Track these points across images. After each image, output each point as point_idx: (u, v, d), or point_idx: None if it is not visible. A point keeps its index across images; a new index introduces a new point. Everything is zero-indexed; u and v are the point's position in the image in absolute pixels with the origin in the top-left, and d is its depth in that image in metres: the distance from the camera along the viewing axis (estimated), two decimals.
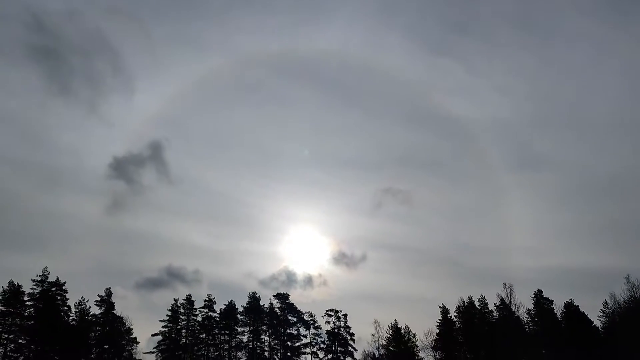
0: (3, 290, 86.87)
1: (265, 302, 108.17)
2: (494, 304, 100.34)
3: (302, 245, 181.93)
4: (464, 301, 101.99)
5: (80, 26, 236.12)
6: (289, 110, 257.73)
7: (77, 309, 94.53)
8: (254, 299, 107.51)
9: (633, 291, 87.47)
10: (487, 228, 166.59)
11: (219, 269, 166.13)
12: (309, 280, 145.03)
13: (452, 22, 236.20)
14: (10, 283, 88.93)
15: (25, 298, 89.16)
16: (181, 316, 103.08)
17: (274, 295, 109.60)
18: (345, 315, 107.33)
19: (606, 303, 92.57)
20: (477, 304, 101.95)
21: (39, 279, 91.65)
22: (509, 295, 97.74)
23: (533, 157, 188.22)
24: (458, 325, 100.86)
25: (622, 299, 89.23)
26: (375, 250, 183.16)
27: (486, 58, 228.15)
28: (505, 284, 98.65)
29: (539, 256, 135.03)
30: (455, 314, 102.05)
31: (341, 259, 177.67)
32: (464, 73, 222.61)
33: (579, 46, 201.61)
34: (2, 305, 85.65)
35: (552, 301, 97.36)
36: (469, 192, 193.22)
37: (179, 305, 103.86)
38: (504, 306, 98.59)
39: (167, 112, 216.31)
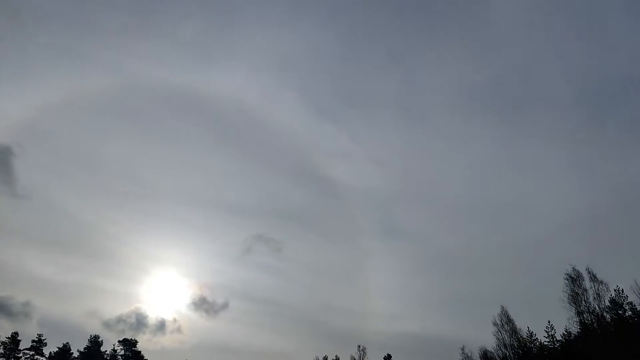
0: None
1: (108, 347, 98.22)
2: None
3: (160, 287, 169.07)
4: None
5: None
6: (176, 146, 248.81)
7: None
8: (94, 343, 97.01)
9: None
10: (349, 289, 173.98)
11: (56, 304, 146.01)
12: (161, 325, 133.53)
13: (343, 93, 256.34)
14: None
15: None
16: (1, 358, 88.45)
17: (119, 341, 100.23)
18: None
19: None
20: None
21: None
22: (361, 358, 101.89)
23: (395, 227, 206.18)
24: None
25: None
26: (239, 300, 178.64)
27: (367, 131, 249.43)
28: (359, 347, 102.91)
29: (392, 321, 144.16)
30: None
31: (201, 304, 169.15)
32: (347, 140, 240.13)
33: (441, 135, 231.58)
34: None
35: None
36: (337, 252, 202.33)
37: None
38: None
39: (30, 120, 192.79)
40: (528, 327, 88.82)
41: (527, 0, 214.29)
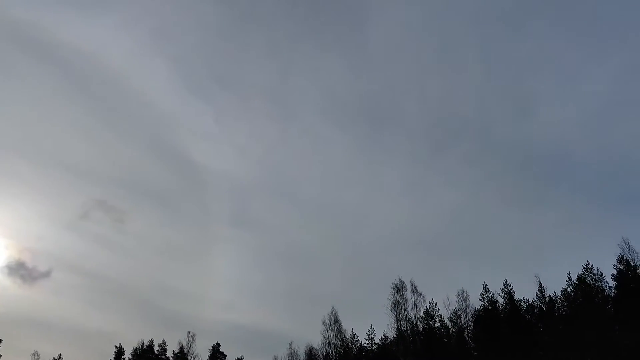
0: None
1: None
2: (173, 351, 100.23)
3: None
4: (143, 343, 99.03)
5: None
6: (14, 88, 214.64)
7: None
8: None
9: (292, 356, 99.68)
10: (189, 274, 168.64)
11: None
12: None
13: (216, 72, 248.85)
14: None
15: None
16: None
17: None
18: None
19: None
20: (156, 348, 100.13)
21: None
22: (189, 344, 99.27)
23: (246, 216, 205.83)
24: None
25: None
26: (66, 271, 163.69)
27: (235, 116, 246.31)
28: (189, 332, 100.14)
29: (226, 310, 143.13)
30: (131, 356, 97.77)
31: (18, 269, 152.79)
32: (214, 123, 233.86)
33: (306, 135, 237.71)
34: None
35: (225, 355, 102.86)
36: (183, 234, 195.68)
37: None
38: (182, 355, 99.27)
39: None
40: (352, 329, 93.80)
41: (402, 24, 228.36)
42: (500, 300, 78.36)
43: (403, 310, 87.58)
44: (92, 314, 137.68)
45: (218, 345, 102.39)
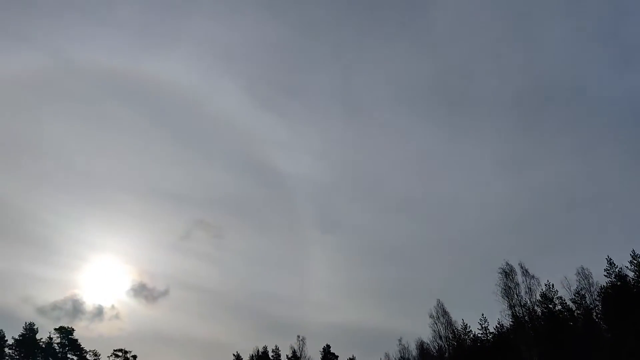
0: None
1: (44, 335, 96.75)
2: (286, 355, 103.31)
3: (99, 274, 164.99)
4: (258, 350, 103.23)
5: None
6: (107, 129, 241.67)
7: None
8: (29, 330, 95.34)
9: (403, 352, 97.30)
10: (288, 279, 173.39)
11: None
12: (99, 312, 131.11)
13: (283, 85, 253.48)
14: None
15: None
16: None
17: (55, 329, 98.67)
18: (135, 357, 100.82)
19: None
20: (270, 354, 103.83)
21: None
22: (300, 348, 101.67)
23: (333, 218, 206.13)
24: None
25: (394, 359, 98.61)
26: (179, 288, 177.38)
27: (306, 123, 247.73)
28: (299, 337, 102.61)
29: (329, 312, 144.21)
30: None
31: (141, 290, 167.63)
32: (287, 131, 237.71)
33: (380, 129, 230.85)
34: None
35: (337, 356, 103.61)
36: (277, 243, 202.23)
37: None
38: (295, 358, 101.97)
39: None
40: (463, 320, 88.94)
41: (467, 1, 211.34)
42: (630, 274, 68.54)
43: (515, 296, 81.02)
44: (207, 326, 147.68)
45: (328, 346, 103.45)
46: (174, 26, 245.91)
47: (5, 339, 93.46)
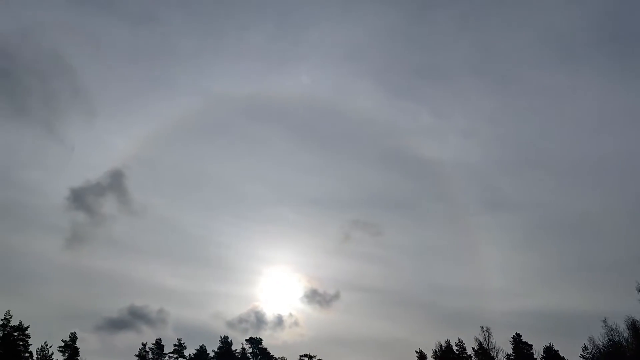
0: None
1: (236, 346, 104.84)
2: (472, 348, 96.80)
3: (273, 285, 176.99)
4: (441, 345, 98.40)
5: (38, 47, 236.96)
6: (257, 151, 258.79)
7: (40, 355, 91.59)
8: (225, 343, 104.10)
9: (611, 335, 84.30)
10: (459, 269, 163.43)
11: (184, 310, 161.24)
12: (279, 321, 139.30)
13: (414, 69, 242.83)
14: None
15: None
16: None
17: (246, 340, 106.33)
18: None
19: (585, 348, 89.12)
20: (454, 348, 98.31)
21: (1, 322, 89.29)
22: (487, 339, 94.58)
23: (498, 198, 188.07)
24: None
25: (601, 343, 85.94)
26: (348, 290, 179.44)
27: (449, 102, 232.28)
28: (482, 327, 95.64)
29: (513, 298, 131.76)
30: (433, 359, 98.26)
31: (313, 296, 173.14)
32: (429, 116, 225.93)
33: (536, 92, 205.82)
34: None
35: (530, 345, 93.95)
36: (439, 233, 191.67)
37: (147, 350, 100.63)
38: (483, 351, 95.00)
39: (134, 149, 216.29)
40: None
41: None
42: None
43: None
44: (381, 324, 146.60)
45: (519, 335, 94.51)
46: (295, 41, 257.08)
47: (207, 352, 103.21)
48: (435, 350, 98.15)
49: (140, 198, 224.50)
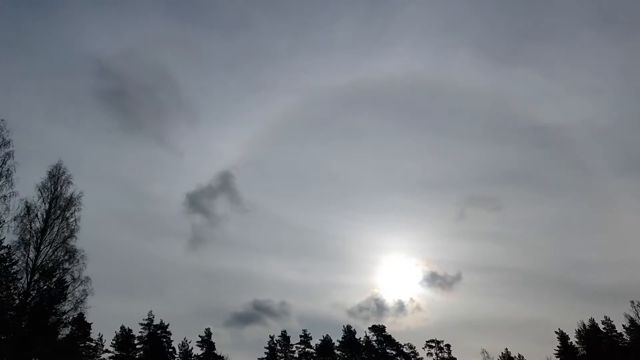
0: (116, 335, 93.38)
1: (360, 334, 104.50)
2: (623, 325, 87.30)
3: (390, 271, 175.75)
4: (584, 324, 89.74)
5: (141, 64, 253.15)
6: (360, 140, 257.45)
7: (181, 349, 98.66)
8: (349, 332, 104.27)
9: None
10: (598, 241, 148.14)
11: (305, 301, 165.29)
12: (400, 307, 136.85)
13: (518, 30, 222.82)
14: (122, 328, 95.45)
15: (136, 341, 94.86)
16: (278, 353, 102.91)
17: (369, 328, 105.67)
18: (448, 346, 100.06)
19: None
20: (601, 327, 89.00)
21: (146, 322, 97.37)
22: (638, 315, 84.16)
23: (635, 157, 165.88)
24: (582, 352, 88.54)
25: None
26: (469, 270, 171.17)
27: (564, 60, 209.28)
28: (633, 302, 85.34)
29: None
30: (577, 340, 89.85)
31: (433, 279, 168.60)
32: (543, 79, 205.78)
33: None
34: (116, 349, 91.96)
35: None
36: (570, 203, 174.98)
37: (275, 342, 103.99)
38: (636, 328, 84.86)
39: (234, 149, 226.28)
40: None
41: None
42: None
43: None
44: (512, 305, 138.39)
45: None
46: (389, 22, 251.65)
47: (332, 342, 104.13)
48: (579, 330, 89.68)
49: (250, 197, 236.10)
